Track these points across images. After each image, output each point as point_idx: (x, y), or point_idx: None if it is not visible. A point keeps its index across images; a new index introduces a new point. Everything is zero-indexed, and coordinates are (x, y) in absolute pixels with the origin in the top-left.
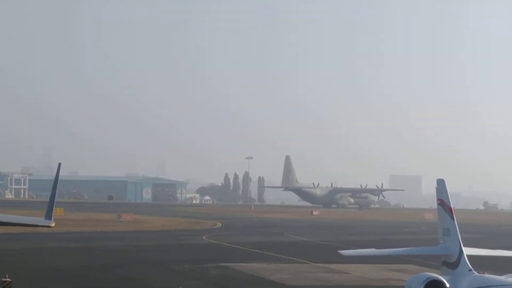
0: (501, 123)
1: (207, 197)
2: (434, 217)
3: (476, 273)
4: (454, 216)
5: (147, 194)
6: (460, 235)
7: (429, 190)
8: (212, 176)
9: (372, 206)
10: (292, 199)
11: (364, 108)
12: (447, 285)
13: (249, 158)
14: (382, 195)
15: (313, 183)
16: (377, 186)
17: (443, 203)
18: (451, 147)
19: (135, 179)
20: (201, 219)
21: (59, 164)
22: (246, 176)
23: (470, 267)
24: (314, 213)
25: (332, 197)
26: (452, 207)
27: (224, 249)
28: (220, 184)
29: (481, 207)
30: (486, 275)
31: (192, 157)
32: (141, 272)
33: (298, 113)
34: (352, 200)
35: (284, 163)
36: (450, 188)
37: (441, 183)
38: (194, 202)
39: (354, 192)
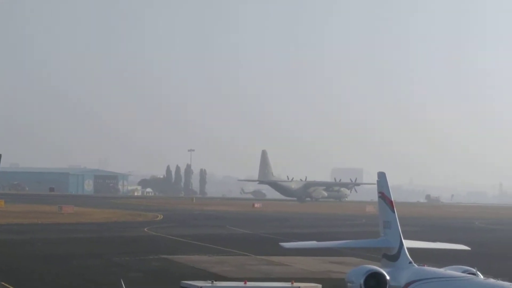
0: (441, 117)
1: (148, 189)
2: (375, 210)
3: (416, 266)
4: (395, 209)
5: (88, 186)
6: (401, 228)
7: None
8: (154, 168)
9: (345, 199)
10: (235, 191)
11: (305, 101)
12: (387, 277)
13: (191, 150)
14: (355, 189)
15: (287, 177)
16: (350, 180)
17: (384, 196)
18: (392, 140)
19: (77, 171)
20: (142, 211)
21: (0, 156)
22: (188, 168)
23: (410, 259)
24: (256, 205)
25: (306, 190)
26: (392, 200)
27: (166, 241)
28: (162, 177)
29: (423, 200)
30: (426, 268)
31: (134, 150)
32: (82, 265)
33: (239, 106)
34: (325, 194)
35: (260, 157)
36: (391, 181)
37: (382, 176)
38: (135, 194)
39: (327, 186)
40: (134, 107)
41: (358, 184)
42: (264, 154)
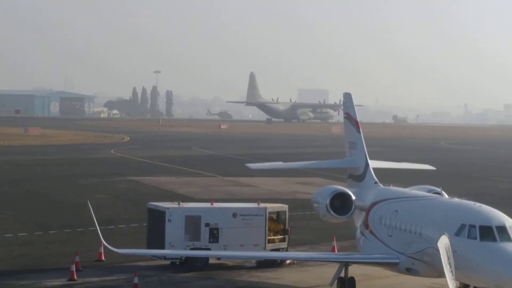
0: (408, 37)
1: (115, 111)
2: (341, 130)
3: (382, 186)
4: (361, 130)
5: (54, 108)
6: (366, 148)
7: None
8: (120, 90)
9: (330, 120)
10: (202, 113)
11: (272, 21)
12: (353, 197)
13: (157, 72)
14: (342, 110)
15: (272, 99)
16: (335, 102)
17: (349, 117)
18: (359, 61)
19: (43, 93)
20: (109, 133)
21: None
22: (154, 90)
23: (376, 179)
24: (222, 126)
25: (293, 112)
26: (358, 120)
27: (132, 163)
28: (128, 98)
29: (389, 121)
30: (392, 188)
31: (100, 71)
32: (48, 187)
33: (205, 28)
34: (312, 115)
35: (248, 79)
36: (356, 102)
37: (347, 97)
38: (102, 116)
39: (314, 108)
40: (101, 27)
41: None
42: (252, 76)
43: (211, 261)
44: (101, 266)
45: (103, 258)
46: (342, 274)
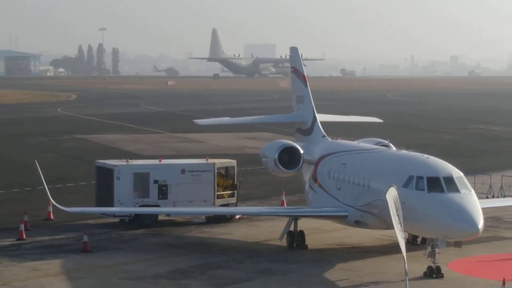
0: None
1: (61, 70)
2: (288, 85)
3: (330, 139)
4: (308, 84)
5: (0, 68)
6: (314, 102)
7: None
8: (65, 48)
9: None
10: (148, 70)
11: None
12: (301, 151)
13: (102, 29)
14: (304, 64)
15: (234, 54)
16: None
17: (296, 71)
18: (306, 14)
19: None
20: (55, 92)
21: None
22: (100, 47)
23: (324, 133)
24: (169, 83)
25: (255, 67)
26: (305, 74)
27: (79, 121)
28: (74, 56)
29: (336, 74)
30: (340, 141)
31: (45, 29)
32: None
33: None
34: (274, 70)
35: (211, 35)
36: (304, 56)
37: (294, 51)
38: (48, 74)
39: (276, 62)
40: None
41: (305, 60)
42: (214, 32)
43: (160, 217)
44: (50, 225)
45: (52, 217)
46: (292, 228)
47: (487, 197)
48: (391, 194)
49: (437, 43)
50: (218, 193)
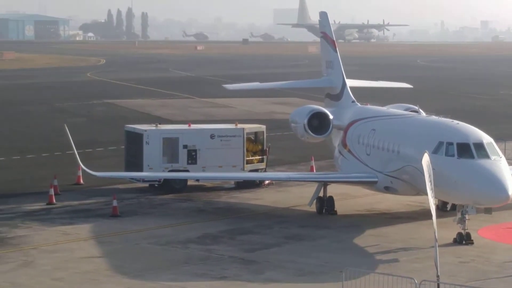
0: None
1: (90, 34)
2: (317, 50)
3: (359, 105)
4: (337, 49)
5: (29, 32)
6: (343, 67)
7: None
8: (94, 13)
9: (372, 40)
10: (178, 34)
11: None
12: (331, 116)
13: None
14: (386, 29)
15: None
16: (380, 23)
17: (326, 36)
18: None
19: (16, 16)
20: (85, 56)
21: None
22: (129, 12)
23: (353, 98)
24: (198, 48)
25: (341, 33)
26: (334, 39)
27: (109, 85)
28: (103, 21)
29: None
30: (369, 106)
31: None
32: (25, 111)
33: None
34: (357, 36)
35: (299, 1)
36: (332, 21)
37: (323, 16)
38: (77, 39)
39: (360, 28)
40: None
41: (388, 25)
42: None
43: (189, 182)
44: (79, 190)
45: (81, 181)
46: (321, 194)
47: None
48: (425, 160)
49: (467, 8)
50: (247, 158)
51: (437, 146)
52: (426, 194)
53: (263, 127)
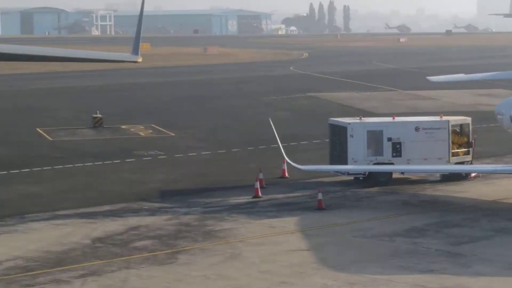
0: None
1: (292, 28)
2: None
3: None
4: None
5: (232, 27)
6: None
7: None
8: (296, 6)
9: None
10: (380, 27)
11: None
12: None
13: None
14: None
15: None
16: None
17: None
18: None
19: (220, 12)
20: (287, 50)
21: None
22: (331, 5)
23: None
24: (401, 40)
25: None
26: None
27: (312, 79)
28: (305, 14)
29: None
30: None
31: None
32: (230, 104)
33: None
34: None
35: None
36: None
37: None
38: (279, 33)
39: None
40: None
41: None
42: None
43: (394, 175)
44: (284, 183)
45: (286, 175)
46: None
47: None
48: None
49: None
50: (453, 150)
51: None
52: None
53: (468, 119)
